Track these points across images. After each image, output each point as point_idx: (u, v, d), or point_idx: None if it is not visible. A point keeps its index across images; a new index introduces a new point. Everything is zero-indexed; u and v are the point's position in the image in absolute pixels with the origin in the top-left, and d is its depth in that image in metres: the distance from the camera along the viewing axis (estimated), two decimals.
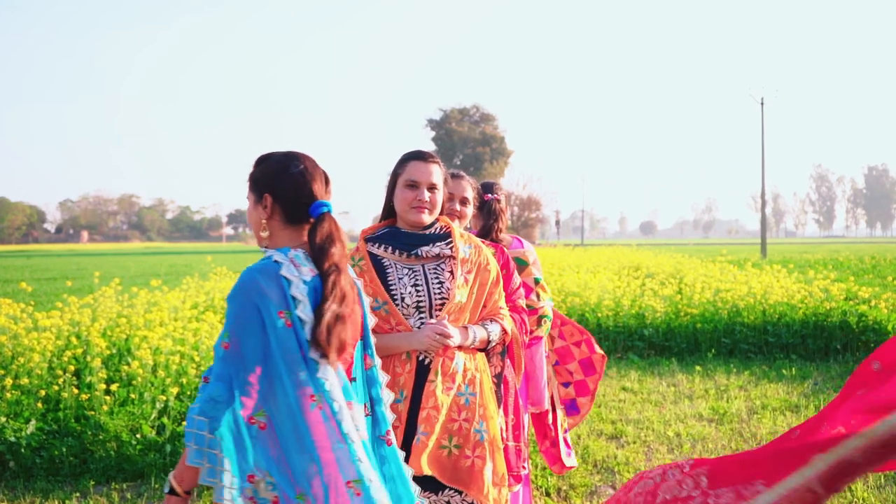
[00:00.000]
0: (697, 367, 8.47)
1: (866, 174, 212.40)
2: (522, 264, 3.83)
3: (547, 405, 4.02)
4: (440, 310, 2.74)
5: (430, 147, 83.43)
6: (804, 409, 6.69)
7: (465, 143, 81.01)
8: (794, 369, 8.33)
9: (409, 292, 2.72)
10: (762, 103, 36.28)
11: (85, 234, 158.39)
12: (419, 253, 2.77)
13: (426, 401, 2.62)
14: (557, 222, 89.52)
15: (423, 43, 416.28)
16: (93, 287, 9.09)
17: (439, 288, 2.75)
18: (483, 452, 2.68)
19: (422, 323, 2.71)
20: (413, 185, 2.77)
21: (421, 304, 2.73)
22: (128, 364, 6.33)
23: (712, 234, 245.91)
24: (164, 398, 5.53)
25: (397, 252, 2.77)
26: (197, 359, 6.32)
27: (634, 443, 5.80)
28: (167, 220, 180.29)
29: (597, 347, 4.51)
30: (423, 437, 2.60)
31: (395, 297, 2.71)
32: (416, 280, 2.75)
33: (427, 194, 2.78)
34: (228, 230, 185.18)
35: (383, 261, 2.78)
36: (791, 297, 10.14)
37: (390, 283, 2.73)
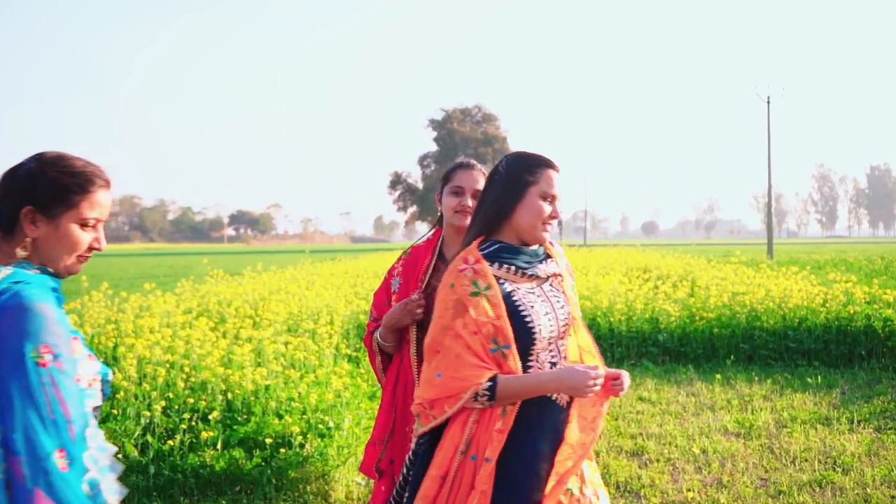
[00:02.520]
0: (717, 376, 8.03)
1: (868, 174, 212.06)
2: None
3: None
4: (563, 338, 2.34)
5: (431, 147, 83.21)
6: (836, 421, 6.26)
7: (467, 143, 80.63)
8: (819, 377, 7.89)
9: (544, 324, 2.27)
10: (768, 102, 35.86)
11: None
12: (538, 273, 2.35)
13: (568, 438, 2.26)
14: (560, 223, 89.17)
15: (424, 43, 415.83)
16: (80, 291, 8.66)
17: (563, 312, 2.34)
18: (594, 489, 2.35)
19: (552, 358, 2.31)
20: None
21: (552, 336, 2.30)
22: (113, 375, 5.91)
23: (714, 234, 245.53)
24: (150, 414, 5.12)
25: (519, 273, 2.31)
26: (186, 369, 5.90)
27: (658, 461, 5.37)
28: (169, 221, 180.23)
29: None
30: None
31: (534, 331, 2.25)
32: (546, 307, 2.31)
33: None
34: (230, 231, 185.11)
35: (504, 284, 2.28)
36: (811, 301, 9.71)
37: (524, 314, 2.25)
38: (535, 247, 2.39)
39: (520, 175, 2.35)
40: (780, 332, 9.16)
